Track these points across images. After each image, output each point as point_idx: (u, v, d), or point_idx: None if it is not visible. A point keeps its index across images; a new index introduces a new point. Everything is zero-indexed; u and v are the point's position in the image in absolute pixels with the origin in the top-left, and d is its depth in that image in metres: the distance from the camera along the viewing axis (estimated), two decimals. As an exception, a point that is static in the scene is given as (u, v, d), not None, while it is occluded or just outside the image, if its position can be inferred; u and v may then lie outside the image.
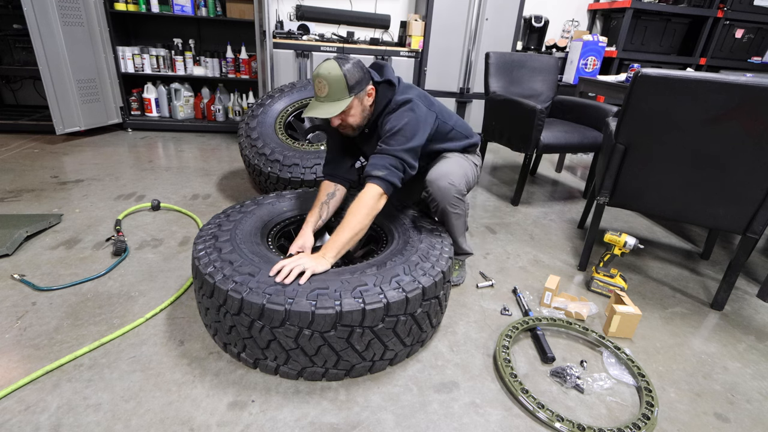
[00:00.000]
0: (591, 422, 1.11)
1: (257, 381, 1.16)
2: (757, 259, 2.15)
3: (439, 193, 1.45)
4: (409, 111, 1.37)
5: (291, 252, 1.37)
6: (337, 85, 1.30)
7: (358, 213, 1.26)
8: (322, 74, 1.29)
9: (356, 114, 1.38)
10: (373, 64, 1.48)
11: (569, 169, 3.44)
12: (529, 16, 4.00)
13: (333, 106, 1.32)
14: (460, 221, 1.54)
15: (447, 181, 1.44)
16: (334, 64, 1.30)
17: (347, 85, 1.30)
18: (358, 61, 1.34)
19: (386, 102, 1.42)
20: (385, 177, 1.29)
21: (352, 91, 1.32)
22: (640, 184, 1.65)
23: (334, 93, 1.31)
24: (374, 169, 1.31)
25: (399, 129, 1.34)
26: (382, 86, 1.42)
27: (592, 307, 1.58)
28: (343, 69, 1.29)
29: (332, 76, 1.29)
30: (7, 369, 1.15)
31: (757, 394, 1.27)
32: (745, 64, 4.20)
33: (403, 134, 1.34)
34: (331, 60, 1.31)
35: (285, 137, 2.28)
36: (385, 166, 1.31)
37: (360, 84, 1.33)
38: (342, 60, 1.31)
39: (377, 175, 1.30)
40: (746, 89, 1.34)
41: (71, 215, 2.04)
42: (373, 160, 1.33)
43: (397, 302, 1.09)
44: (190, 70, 3.65)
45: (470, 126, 1.70)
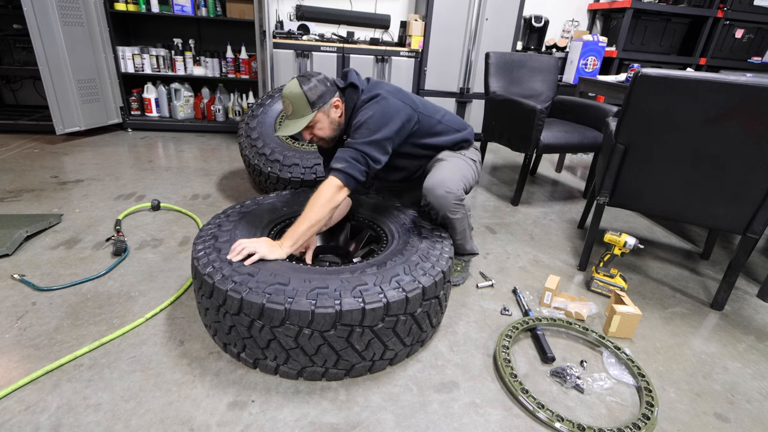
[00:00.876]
0: (591, 422, 1.11)
1: (257, 381, 1.16)
2: (757, 259, 2.15)
3: (437, 202, 1.44)
4: (374, 104, 1.40)
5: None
6: (299, 103, 1.37)
7: (315, 204, 1.29)
8: (285, 94, 1.38)
9: (324, 127, 1.43)
10: (342, 74, 1.53)
11: (569, 169, 3.44)
12: (529, 16, 4.00)
13: (297, 122, 1.39)
14: (464, 224, 1.54)
15: (444, 189, 1.43)
16: (295, 83, 1.37)
17: (308, 101, 1.37)
18: (322, 78, 1.40)
19: (353, 104, 1.46)
20: (344, 169, 1.30)
21: (315, 106, 1.38)
22: (640, 184, 1.65)
23: (297, 110, 1.38)
24: (336, 161, 1.33)
25: (363, 122, 1.37)
26: (348, 91, 1.47)
27: (592, 307, 1.58)
28: (303, 87, 1.36)
29: (293, 94, 1.36)
30: (7, 369, 1.15)
31: (757, 394, 1.27)
32: (745, 64, 4.20)
33: (366, 127, 1.37)
34: (294, 79, 1.39)
35: (285, 137, 2.28)
36: (345, 159, 1.32)
37: (322, 98, 1.39)
38: (304, 78, 1.38)
39: (337, 167, 1.31)
40: (746, 89, 1.34)
41: (71, 215, 2.04)
42: (337, 154, 1.36)
43: (397, 302, 1.09)
44: (190, 70, 3.65)
45: (463, 120, 1.68)
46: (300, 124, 1.38)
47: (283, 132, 1.41)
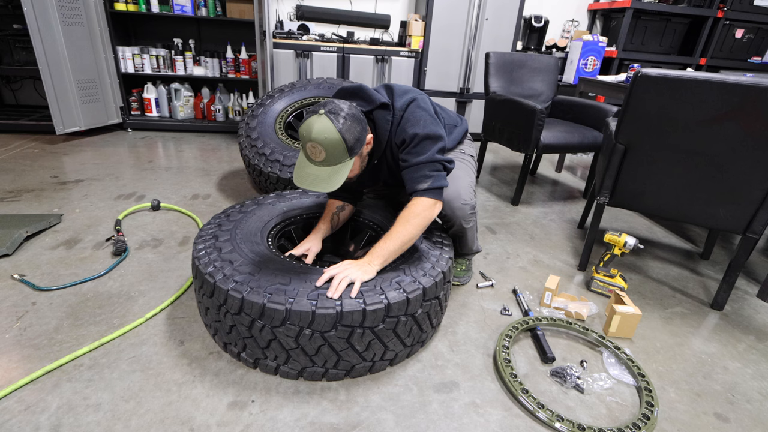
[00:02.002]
0: (591, 422, 1.11)
1: (257, 381, 1.16)
2: (757, 259, 2.15)
3: (455, 214, 1.43)
4: (417, 110, 1.25)
5: (294, 254, 1.37)
6: (336, 150, 1.11)
7: (409, 223, 1.17)
8: (316, 138, 1.09)
9: (355, 168, 1.23)
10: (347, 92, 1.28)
11: (569, 169, 3.44)
12: (529, 16, 4.00)
13: (333, 174, 1.14)
14: (474, 228, 1.55)
15: (460, 201, 1.42)
16: (327, 124, 1.09)
17: (347, 148, 1.12)
18: (350, 112, 1.13)
19: (388, 125, 1.27)
20: (429, 187, 1.20)
21: (353, 151, 1.15)
22: (640, 184, 1.65)
23: (331, 158, 1.12)
24: (416, 183, 1.20)
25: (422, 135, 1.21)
26: (377, 112, 1.26)
27: (592, 307, 1.58)
28: (340, 129, 1.09)
29: (329, 140, 1.09)
30: (7, 369, 1.15)
31: (757, 394, 1.27)
32: (745, 64, 4.20)
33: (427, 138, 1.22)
34: (321, 117, 1.10)
35: (285, 137, 2.28)
36: (425, 176, 1.20)
37: (360, 140, 1.16)
38: (334, 115, 1.10)
39: (421, 188, 1.20)
40: (746, 89, 1.34)
41: (71, 215, 2.04)
42: (409, 175, 1.22)
43: (397, 303, 1.09)
44: (190, 70, 3.65)
45: (455, 113, 1.64)
46: (339, 178, 1.13)
47: (315, 188, 1.13)
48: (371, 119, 1.26)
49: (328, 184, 1.13)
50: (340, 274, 1.11)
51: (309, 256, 1.40)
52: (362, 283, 1.12)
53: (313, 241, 1.42)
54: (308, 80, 2.61)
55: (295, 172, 1.17)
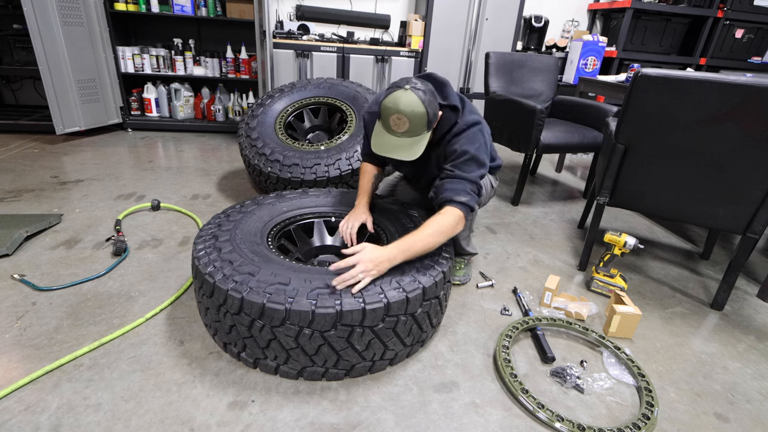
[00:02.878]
0: (591, 422, 1.11)
1: (257, 381, 1.16)
2: (757, 259, 2.15)
3: None
4: (479, 134, 1.35)
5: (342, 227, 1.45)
6: (419, 122, 1.21)
7: (439, 233, 1.22)
8: (403, 110, 1.19)
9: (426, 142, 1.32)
10: (429, 77, 1.37)
11: (569, 169, 3.44)
12: (529, 16, 4.00)
13: (414, 144, 1.24)
14: (469, 224, 1.54)
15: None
16: (413, 97, 1.19)
17: (428, 121, 1.23)
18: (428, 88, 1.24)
19: (450, 126, 1.36)
20: (467, 202, 1.27)
21: (431, 125, 1.26)
22: (640, 184, 1.65)
23: (414, 129, 1.23)
24: (456, 194, 1.27)
25: (474, 156, 1.31)
26: (446, 110, 1.35)
27: (592, 307, 1.58)
28: (424, 103, 1.20)
29: (415, 113, 1.20)
30: (7, 369, 1.15)
31: (757, 394, 1.27)
32: (745, 64, 4.20)
33: (476, 160, 1.32)
34: (407, 92, 1.19)
35: (285, 137, 2.28)
36: (466, 191, 1.28)
37: (437, 115, 1.27)
38: (419, 90, 1.20)
39: (460, 200, 1.27)
40: (746, 89, 1.34)
41: (71, 215, 2.04)
42: (451, 185, 1.29)
43: (397, 302, 1.09)
44: (190, 70, 3.65)
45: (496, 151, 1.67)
46: (418, 147, 1.23)
47: (398, 156, 1.24)
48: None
49: (409, 153, 1.24)
50: (358, 267, 1.11)
51: (368, 225, 1.46)
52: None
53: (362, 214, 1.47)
54: (308, 80, 2.61)
55: (374, 140, 1.28)
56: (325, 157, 2.10)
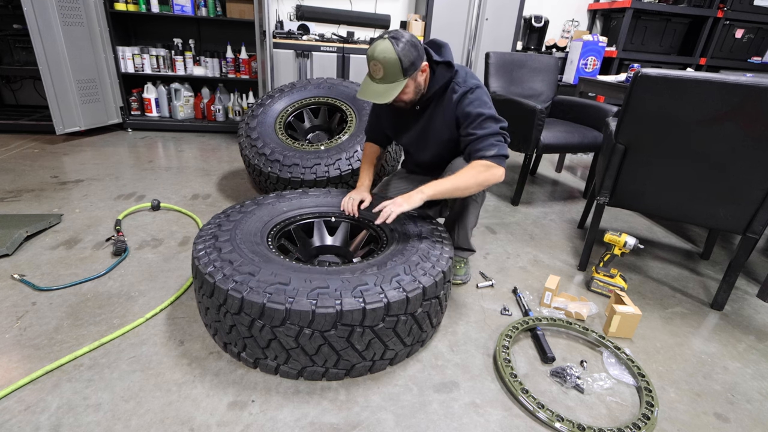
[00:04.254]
0: (591, 422, 1.11)
1: (257, 381, 1.16)
2: (757, 259, 2.15)
3: None
4: (487, 96, 1.43)
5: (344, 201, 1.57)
6: (393, 69, 1.31)
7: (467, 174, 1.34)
8: (376, 57, 1.30)
9: (410, 92, 1.40)
10: (431, 42, 1.48)
11: (569, 169, 3.44)
12: (529, 16, 4.00)
13: (388, 89, 1.34)
14: (475, 212, 1.55)
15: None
16: (388, 45, 1.29)
17: (402, 68, 1.31)
18: (410, 39, 1.32)
19: (445, 82, 1.44)
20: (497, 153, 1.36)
21: (407, 73, 1.33)
22: (640, 184, 1.65)
23: (389, 75, 1.32)
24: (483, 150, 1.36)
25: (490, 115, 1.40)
26: (441, 67, 1.43)
27: (592, 307, 1.58)
28: (397, 51, 1.28)
29: (387, 59, 1.29)
30: (7, 369, 1.15)
31: (757, 394, 1.27)
32: (745, 64, 4.20)
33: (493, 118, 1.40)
34: (385, 40, 1.30)
35: (285, 137, 2.28)
36: (492, 144, 1.37)
37: (414, 65, 1.33)
38: (395, 39, 1.30)
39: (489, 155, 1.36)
40: (746, 89, 1.34)
41: (71, 215, 2.04)
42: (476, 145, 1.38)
43: (397, 302, 1.09)
44: (190, 70, 3.65)
45: None
46: (392, 92, 1.33)
47: (373, 99, 1.35)
48: (433, 69, 1.44)
49: (382, 97, 1.34)
50: (389, 207, 1.31)
51: (365, 203, 1.58)
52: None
53: (364, 192, 1.60)
54: (308, 80, 2.61)
55: (360, 89, 1.39)
56: (325, 157, 2.10)
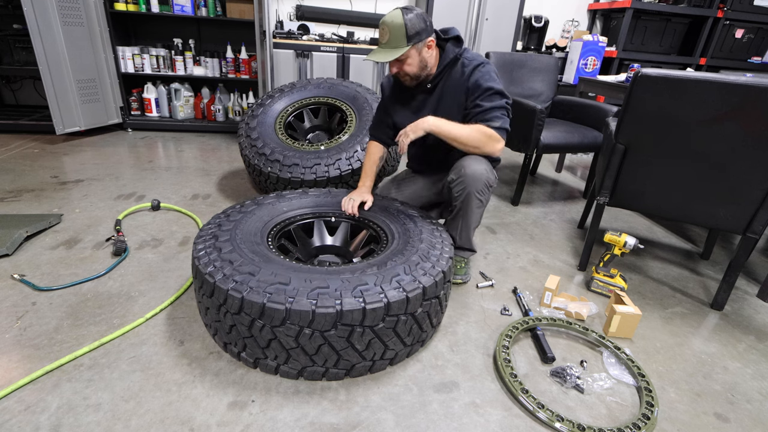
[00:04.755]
0: (591, 422, 1.11)
1: (257, 381, 1.16)
2: (757, 259, 2.15)
3: (472, 178, 1.45)
4: (494, 73, 1.49)
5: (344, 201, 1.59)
6: (397, 33, 1.38)
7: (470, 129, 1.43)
8: (385, 21, 1.39)
9: (413, 64, 1.45)
10: (441, 29, 1.54)
11: (569, 169, 3.44)
12: (529, 16, 4.00)
13: (390, 52, 1.41)
14: (479, 212, 1.54)
15: (484, 167, 1.46)
16: (397, 12, 1.38)
17: (406, 34, 1.38)
18: (421, 13, 1.41)
19: (454, 56, 1.49)
20: (501, 126, 1.45)
21: (411, 40, 1.39)
22: (640, 184, 1.65)
23: (393, 40, 1.39)
24: (488, 121, 1.44)
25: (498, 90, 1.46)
26: (450, 42, 1.51)
27: (592, 307, 1.58)
28: (405, 18, 1.37)
29: (394, 23, 1.37)
30: (7, 369, 1.15)
31: (757, 394, 1.27)
32: (745, 64, 4.20)
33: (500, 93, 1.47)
34: (396, 9, 1.40)
35: (285, 137, 2.28)
36: (497, 116, 1.45)
37: (419, 35, 1.40)
38: (406, 9, 1.39)
39: (494, 125, 1.44)
40: (746, 89, 1.34)
41: (71, 215, 2.04)
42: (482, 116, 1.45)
43: (397, 302, 1.09)
44: (190, 70, 3.65)
45: None
46: (392, 55, 1.40)
47: (374, 58, 1.42)
48: (442, 47, 1.52)
49: (384, 56, 1.41)
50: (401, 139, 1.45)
51: (367, 204, 1.60)
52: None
53: (365, 194, 1.62)
54: (308, 80, 2.61)
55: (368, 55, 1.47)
56: (325, 157, 2.10)
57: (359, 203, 1.59)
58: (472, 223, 1.55)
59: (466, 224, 1.55)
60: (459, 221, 1.55)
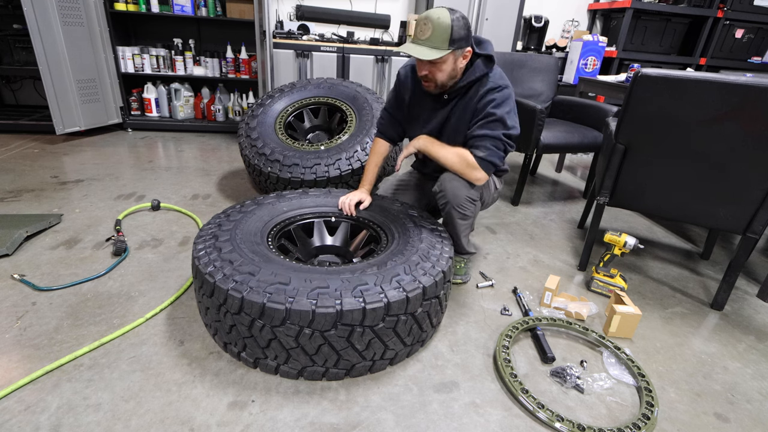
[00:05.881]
0: (591, 422, 1.11)
1: (257, 381, 1.16)
2: (757, 259, 2.15)
3: (451, 194, 1.45)
4: (511, 100, 1.44)
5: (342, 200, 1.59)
6: (442, 33, 1.30)
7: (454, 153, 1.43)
8: (430, 16, 1.30)
9: (446, 70, 1.38)
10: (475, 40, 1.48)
11: (569, 169, 3.44)
12: (529, 16, 4.00)
13: (429, 50, 1.32)
14: (465, 223, 1.54)
15: (463, 183, 1.45)
16: (445, 11, 1.31)
17: (451, 37, 1.30)
18: (467, 19, 1.35)
19: (481, 75, 1.43)
20: (485, 157, 1.40)
21: (452, 44, 1.32)
22: (640, 184, 1.65)
23: (435, 39, 1.31)
24: (475, 149, 1.41)
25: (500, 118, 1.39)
26: (481, 59, 1.43)
27: (592, 307, 1.58)
28: (452, 18, 1.29)
29: (440, 21, 1.29)
30: (7, 369, 1.14)
31: (757, 394, 1.27)
32: (745, 64, 4.20)
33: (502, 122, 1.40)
34: (442, 8, 1.32)
35: (285, 137, 2.28)
36: (485, 146, 1.40)
37: (461, 41, 1.33)
38: (452, 11, 1.32)
39: (478, 155, 1.40)
40: (746, 89, 1.34)
41: (71, 215, 2.04)
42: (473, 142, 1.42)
43: (397, 302, 1.09)
44: (190, 70, 3.65)
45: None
46: (431, 54, 1.31)
47: (413, 53, 1.32)
48: (471, 61, 1.45)
49: (423, 54, 1.32)
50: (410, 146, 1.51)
51: (364, 204, 1.60)
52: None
53: (364, 194, 1.61)
54: (308, 80, 2.61)
55: (403, 46, 1.38)
56: (325, 157, 2.10)
57: (356, 202, 1.58)
58: (459, 232, 1.56)
59: (454, 232, 1.55)
60: (448, 229, 1.56)
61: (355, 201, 1.58)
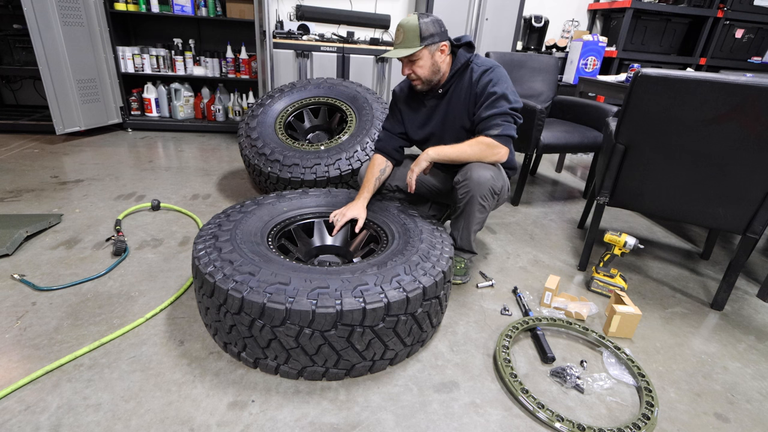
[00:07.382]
0: (591, 422, 1.11)
1: (257, 381, 1.16)
2: (757, 259, 2.15)
3: (477, 182, 1.45)
4: (505, 77, 1.50)
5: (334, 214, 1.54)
6: (411, 33, 1.44)
7: (471, 146, 1.46)
8: (401, 23, 1.46)
9: (425, 66, 1.48)
10: (455, 38, 1.57)
11: (569, 169, 3.44)
12: (529, 16, 4.00)
13: (405, 50, 1.45)
14: (482, 217, 1.55)
15: (490, 173, 1.46)
16: (414, 16, 1.45)
17: (420, 35, 1.43)
18: (437, 18, 1.47)
19: (465, 61, 1.52)
20: (500, 133, 1.45)
21: (424, 41, 1.44)
22: (640, 184, 1.65)
23: (407, 40, 1.44)
24: (488, 129, 1.46)
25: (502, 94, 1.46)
26: (462, 48, 1.54)
27: (592, 307, 1.58)
28: (420, 21, 1.43)
29: (409, 24, 1.43)
30: (7, 369, 1.15)
31: (757, 394, 1.27)
32: (745, 64, 4.20)
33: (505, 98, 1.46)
34: (413, 14, 1.46)
35: (285, 137, 2.28)
36: (497, 124, 1.46)
37: (433, 37, 1.44)
38: (422, 14, 1.46)
39: (492, 134, 1.45)
40: (746, 89, 1.34)
41: (71, 215, 2.04)
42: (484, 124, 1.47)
43: (397, 302, 1.09)
44: (190, 70, 3.65)
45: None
46: (406, 52, 1.44)
47: (390, 55, 1.46)
48: (454, 52, 1.54)
49: (398, 53, 1.46)
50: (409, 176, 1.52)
51: (359, 222, 1.53)
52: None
53: (359, 209, 1.55)
54: (308, 80, 2.61)
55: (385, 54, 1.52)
56: (325, 157, 2.10)
57: (348, 221, 1.54)
58: (473, 225, 1.55)
59: (467, 226, 1.55)
60: (461, 222, 1.56)
61: (347, 219, 1.53)
